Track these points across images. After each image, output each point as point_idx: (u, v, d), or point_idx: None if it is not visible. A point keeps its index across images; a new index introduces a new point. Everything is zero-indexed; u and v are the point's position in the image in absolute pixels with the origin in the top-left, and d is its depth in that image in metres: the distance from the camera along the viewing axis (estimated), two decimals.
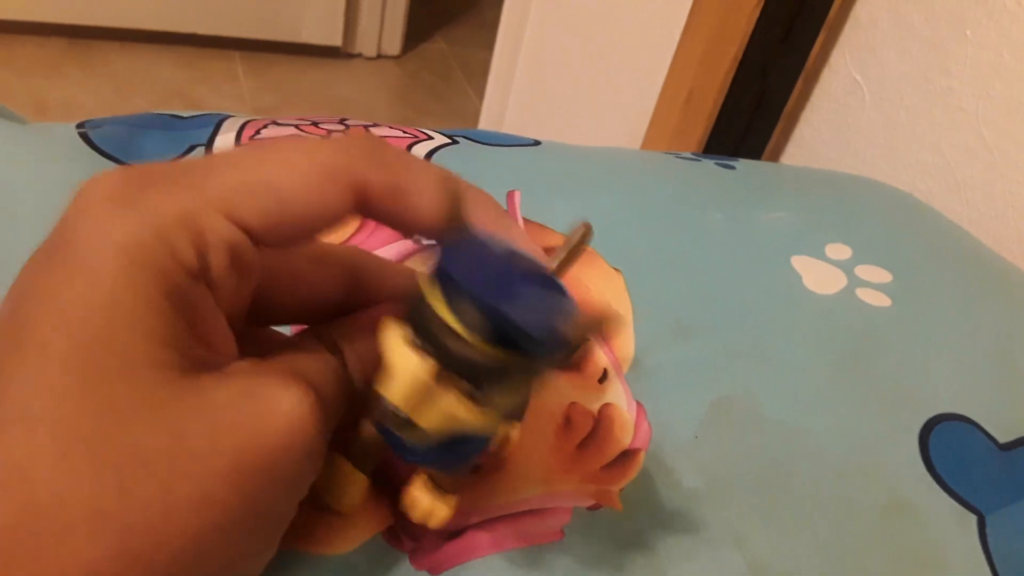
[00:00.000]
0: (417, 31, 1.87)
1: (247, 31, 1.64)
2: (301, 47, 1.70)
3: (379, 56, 1.80)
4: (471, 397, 0.16)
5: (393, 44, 1.80)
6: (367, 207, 0.18)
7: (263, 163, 0.17)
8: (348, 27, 1.71)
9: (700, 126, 0.65)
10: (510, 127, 1.10)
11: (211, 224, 0.16)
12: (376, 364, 0.20)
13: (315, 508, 0.22)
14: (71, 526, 0.14)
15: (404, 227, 0.19)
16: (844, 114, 0.62)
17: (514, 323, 0.15)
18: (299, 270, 0.20)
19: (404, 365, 0.16)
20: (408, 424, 0.16)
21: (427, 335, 0.16)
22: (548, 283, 0.17)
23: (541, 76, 1.02)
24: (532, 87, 1.05)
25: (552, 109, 1.01)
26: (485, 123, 1.16)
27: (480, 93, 1.17)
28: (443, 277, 0.16)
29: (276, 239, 0.18)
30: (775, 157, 0.68)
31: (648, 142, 0.71)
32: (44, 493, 0.14)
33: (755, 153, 0.66)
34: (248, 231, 0.17)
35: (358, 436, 0.20)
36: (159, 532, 0.14)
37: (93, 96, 1.46)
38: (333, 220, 0.18)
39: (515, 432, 0.23)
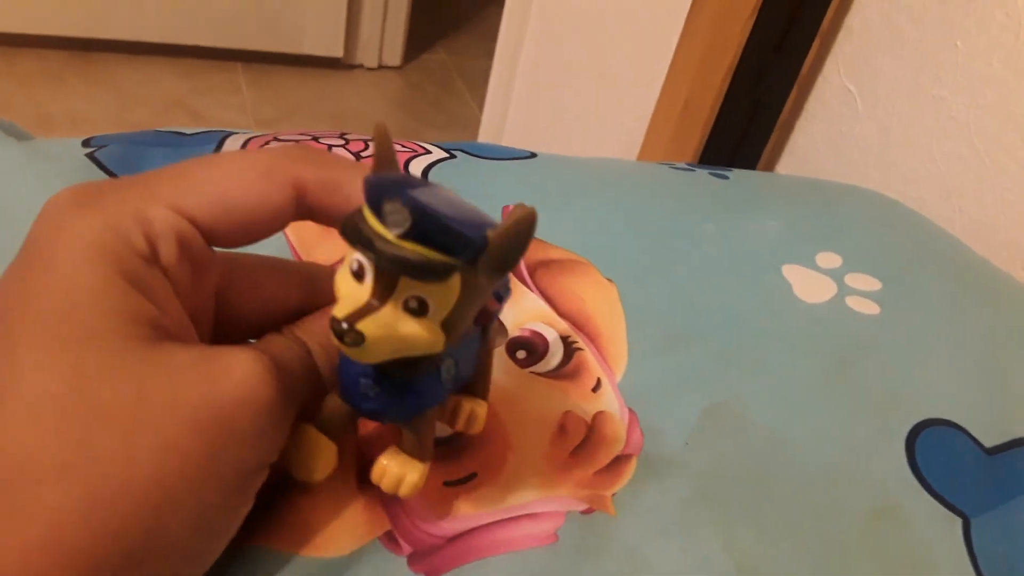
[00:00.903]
0: (418, 41, 1.89)
1: (249, 43, 1.65)
2: (303, 58, 1.71)
3: (380, 67, 1.81)
4: (406, 307, 0.17)
5: (394, 55, 1.81)
6: (306, 202, 0.20)
7: (204, 167, 0.20)
8: (349, 38, 1.72)
9: (696, 135, 0.65)
10: (510, 136, 1.11)
11: (158, 214, 0.18)
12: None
13: (309, 508, 0.22)
14: (40, 477, 0.15)
15: None
16: (837, 123, 0.62)
17: (431, 213, 0.16)
18: (259, 278, 0.22)
19: (341, 278, 0.18)
20: (354, 334, 0.17)
21: (363, 246, 0.17)
22: (469, 204, 0.18)
23: (540, 86, 1.03)
24: (532, 97, 1.06)
25: (551, 118, 1.02)
26: (485, 132, 1.17)
27: (481, 103, 1.18)
28: (371, 194, 0.17)
29: (225, 232, 0.19)
30: (770, 166, 0.69)
31: (645, 151, 0.72)
32: (15, 450, 0.15)
33: (751, 162, 0.66)
34: (194, 222, 0.19)
35: (324, 406, 0.21)
36: (122, 478, 0.16)
37: (96, 108, 1.48)
38: (275, 214, 0.20)
39: (481, 409, 0.24)
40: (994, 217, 0.51)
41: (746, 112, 0.64)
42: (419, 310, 0.17)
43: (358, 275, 0.17)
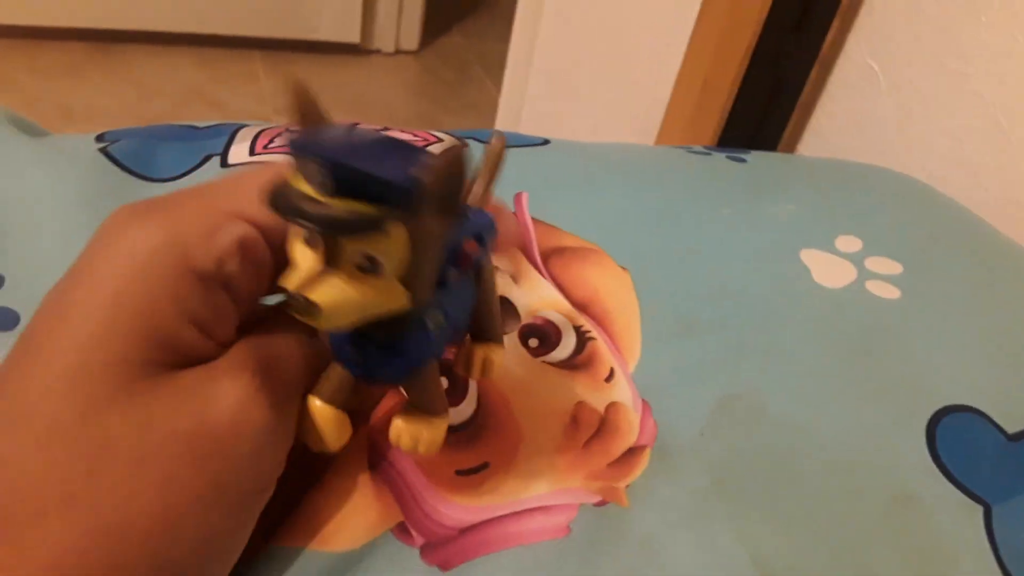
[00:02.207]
0: (434, 25, 1.88)
1: (266, 30, 1.65)
2: (320, 45, 1.71)
3: (397, 52, 1.81)
4: (360, 268, 0.16)
5: (411, 39, 1.81)
6: None
7: (261, 172, 0.19)
8: (366, 23, 1.72)
9: (715, 116, 0.65)
10: (528, 119, 1.10)
11: (219, 223, 0.18)
12: None
13: (319, 502, 0.22)
14: (45, 509, 0.15)
15: None
16: (860, 101, 0.61)
17: (347, 166, 0.15)
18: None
19: (294, 247, 0.17)
20: (307, 304, 0.16)
21: (291, 213, 0.16)
22: (398, 143, 0.17)
23: (558, 68, 1.03)
24: (549, 79, 1.05)
25: (569, 100, 1.01)
26: (503, 115, 1.16)
27: (499, 85, 1.17)
28: (292, 155, 0.16)
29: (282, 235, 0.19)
30: (792, 146, 0.68)
31: (664, 132, 0.71)
32: (21, 481, 0.15)
33: (771, 143, 0.66)
34: (255, 223, 0.19)
35: (326, 376, 0.20)
36: (128, 511, 0.16)
37: (116, 100, 1.49)
38: None
39: (496, 355, 0.23)
40: (1019, 194, 0.50)
41: (766, 92, 0.63)
42: (372, 268, 0.16)
43: (310, 242, 0.17)
